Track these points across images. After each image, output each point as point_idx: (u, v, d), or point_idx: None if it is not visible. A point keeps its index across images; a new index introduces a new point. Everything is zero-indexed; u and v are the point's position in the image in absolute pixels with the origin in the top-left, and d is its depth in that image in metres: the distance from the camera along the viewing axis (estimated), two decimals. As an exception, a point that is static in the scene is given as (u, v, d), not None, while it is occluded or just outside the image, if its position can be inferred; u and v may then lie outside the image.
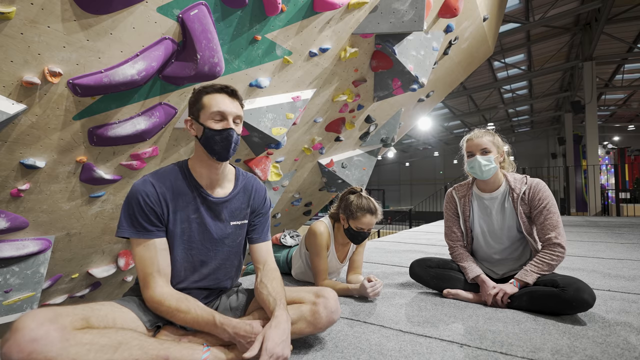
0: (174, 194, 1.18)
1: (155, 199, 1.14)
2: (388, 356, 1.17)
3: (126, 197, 1.15)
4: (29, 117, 1.80)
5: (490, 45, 5.54)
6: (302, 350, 1.22)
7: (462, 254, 1.85)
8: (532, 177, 1.76)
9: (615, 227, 5.38)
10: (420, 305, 1.70)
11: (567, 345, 1.23)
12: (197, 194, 1.20)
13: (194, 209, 1.20)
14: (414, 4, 2.86)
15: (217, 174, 1.22)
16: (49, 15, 1.57)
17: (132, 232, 1.11)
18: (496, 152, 1.75)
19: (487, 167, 1.73)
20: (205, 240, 1.22)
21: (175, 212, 1.17)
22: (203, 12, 1.98)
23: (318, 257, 1.88)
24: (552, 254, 1.62)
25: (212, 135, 1.14)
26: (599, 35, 8.88)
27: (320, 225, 1.92)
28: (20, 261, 2.26)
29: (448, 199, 1.95)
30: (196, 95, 1.18)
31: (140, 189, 1.13)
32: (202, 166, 1.21)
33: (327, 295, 1.22)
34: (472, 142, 1.78)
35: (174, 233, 1.18)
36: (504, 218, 1.78)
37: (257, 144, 3.03)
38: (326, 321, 1.19)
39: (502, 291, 1.63)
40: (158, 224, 1.14)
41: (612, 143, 16.76)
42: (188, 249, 1.20)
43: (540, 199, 1.68)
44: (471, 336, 1.32)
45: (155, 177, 1.17)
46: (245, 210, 1.30)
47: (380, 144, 4.88)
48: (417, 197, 26.62)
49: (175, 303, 1.07)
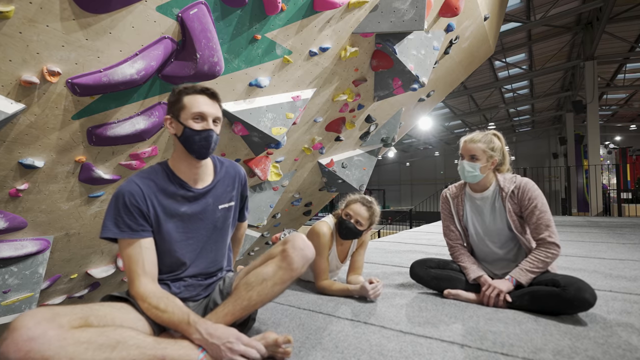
0: (160, 192, 1.20)
1: (140, 198, 1.15)
2: (388, 357, 1.16)
3: (111, 198, 1.16)
4: (28, 116, 1.79)
5: (491, 45, 5.53)
6: (302, 350, 1.21)
7: (463, 253, 1.86)
8: (533, 177, 1.77)
9: (616, 228, 5.36)
10: (421, 306, 1.69)
11: (569, 346, 1.22)
12: (182, 190, 1.24)
13: (181, 203, 1.23)
14: (415, 3, 2.84)
15: (197, 169, 1.27)
16: (48, 14, 1.56)
17: (116, 232, 1.13)
18: (485, 160, 1.75)
19: (470, 173, 1.76)
20: (200, 228, 1.27)
21: (164, 209, 1.20)
22: (202, 11, 1.97)
23: (320, 257, 1.88)
24: (546, 252, 1.62)
25: (192, 135, 1.18)
26: (600, 34, 8.85)
27: (323, 226, 1.92)
28: (18, 261, 2.25)
29: (442, 200, 1.99)
30: (177, 95, 1.20)
31: (125, 189, 1.15)
32: (183, 164, 1.24)
33: (293, 238, 1.25)
34: (465, 146, 1.80)
35: (168, 229, 1.20)
36: (495, 217, 1.80)
37: (256, 143, 3.02)
38: (299, 259, 1.20)
39: (497, 289, 1.63)
40: (143, 223, 1.16)
41: (614, 143, 16.72)
42: (186, 239, 1.24)
43: (530, 199, 1.68)
44: (472, 337, 1.31)
45: (139, 177, 1.20)
46: (230, 193, 1.36)
47: (380, 143, 4.87)
48: (417, 197, 26.59)
49: (155, 301, 1.08)
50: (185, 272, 1.26)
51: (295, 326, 1.43)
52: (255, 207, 3.82)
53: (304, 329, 1.40)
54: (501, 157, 1.80)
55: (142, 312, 1.09)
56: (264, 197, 3.85)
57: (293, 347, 1.19)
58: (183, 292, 1.25)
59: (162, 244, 1.21)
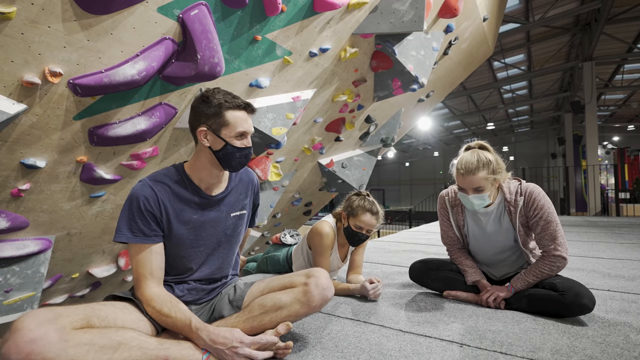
0: (174, 197, 1.20)
1: (155, 203, 1.15)
2: (388, 356, 1.17)
3: (126, 201, 1.16)
4: (30, 117, 1.80)
5: (490, 46, 5.55)
6: (302, 349, 1.22)
7: (461, 256, 1.83)
8: (532, 177, 1.74)
9: (614, 227, 5.39)
10: (420, 305, 1.70)
11: (567, 345, 1.23)
12: (197, 196, 1.23)
13: (195, 210, 1.23)
14: (414, 4, 2.86)
15: (217, 179, 1.27)
16: (50, 16, 1.57)
17: (129, 237, 1.13)
18: (490, 186, 1.57)
19: (480, 205, 1.59)
20: (210, 235, 1.26)
21: (177, 215, 1.19)
22: (203, 12, 1.98)
23: (322, 257, 1.87)
24: (551, 264, 1.55)
25: (234, 152, 1.19)
26: (598, 35, 8.88)
27: (325, 226, 1.91)
28: (20, 261, 2.26)
29: (441, 204, 1.86)
30: (216, 108, 1.16)
31: (139, 192, 1.14)
32: (203, 172, 1.23)
33: (318, 274, 1.23)
34: (464, 180, 1.57)
35: (179, 235, 1.20)
36: (499, 231, 1.70)
37: (257, 144, 3.03)
38: (319, 299, 1.19)
39: (496, 294, 1.62)
40: (156, 228, 1.16)
41: (612, 143, 16.76)
42: (196, 246, 1.24)
43: (536, 209, 1.57)
44: (471, 336, 1.32)
45: (154, 180, 1.19)
46: (243, 201, 1.36)
47: (380, 144, 4.88)
48: (417, 197, 26.61)
49: (159, 305, 1.08)
50: (190, 277, 1.26)
51: (295, 325, 1.44)
52: (255, 207, 3.82)
53: (304, 328, 1.41)
54: (499, 168, 1.61)
55: (145, 312, 1.10)
56: (264, 197, 3.86)
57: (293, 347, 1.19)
58: (186, 295, 1.25)
59: (171, 247, 1.21)
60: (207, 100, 1.17)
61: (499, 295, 1.62)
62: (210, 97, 1.17)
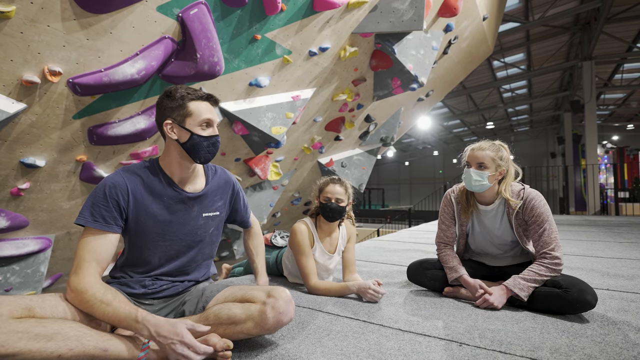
0: (145, 189, 1.21)
1: (122, 191, 1.16)
2: (387, 355, 1.17)
3: (95, 187, 1.16)
4: (29, 116, 1.80)
5: (490, 45, 5.54)
6: (302, 348, 1.22)
7: (449, 254, 1.84)
8: (531, 176, 1.76)
9: (614, 227, 5.40)
10: (419, 304, 1.70)
11: (566, 344, 1.24)
12: (170, 190, 1.24)
13: (167, 204, 1.24)
14: (414, 3, 2.86)
15: (189, 172, 1.28)
16: (49, 15, 1.57)
17: (88, 221, 1.11)
18: (494, 169, 1.69)
19: (478, 182, 1.69)
20: (178, 232, 1.26)
21: (145, 207, 1.20)
22: (203, 11, 1.98)
23: (303, 256, 1.84)
24: (548, 267, 1.58)
25: (201, 141, 1.21)
26: (598, 34, 8.89)
27: (300, 224, 1.91)
28: (20, 260, 2.26)
29: (446, 202, 1.91)
30: (180, 100, 1.19)
31: (108, 180, 1.16)
32: (175, 166, 1.25)
33: (278, 295, 1.17)
34: (473, 154, 1.74)
35: (145, 227, 1.21)
36: (499, 230, 1.78)
37: (256, 143, 3.03)
38: (273, 322, 1.13)
39: (487, 304, 1.61)
40: (117, 217, 1.15)
41: (611, 142, 16.77)
42: (162, 240, 1.24)
43: (534, 216, 1.65)
44: (470, 335, 1.32)
45: (126, 171, 1.21)
46: (217, 203, 1.36)
47: (379, 143, 4.88)
48: (416, 196, 26.65)
49: (100, 293, 1.04)
50: (152, 272, 1.25)
51: (295, 325, 1.44)
52: (255, 206, 3.83)
53: (304, 328, 1.41)
54: (508, 168, 1.73)
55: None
56: (263, 196, 3.86)
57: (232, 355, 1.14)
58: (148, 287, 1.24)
59: (136, 239, 1.21)
60: (170, 94, 1.21)
61: (491, 304, 1.60)
62: (173, 91, 1.21)
